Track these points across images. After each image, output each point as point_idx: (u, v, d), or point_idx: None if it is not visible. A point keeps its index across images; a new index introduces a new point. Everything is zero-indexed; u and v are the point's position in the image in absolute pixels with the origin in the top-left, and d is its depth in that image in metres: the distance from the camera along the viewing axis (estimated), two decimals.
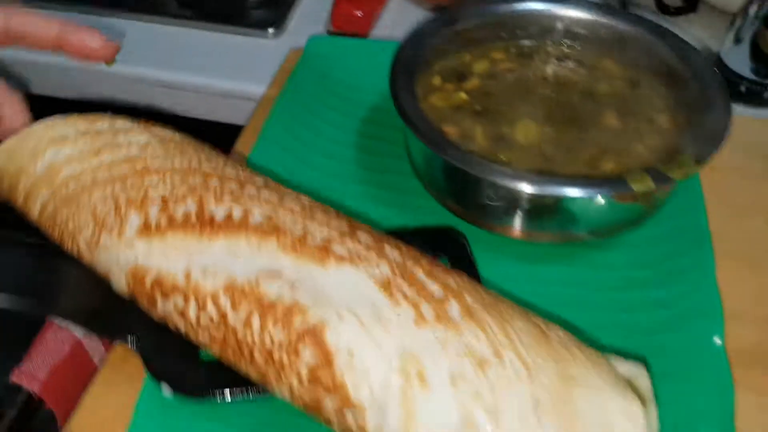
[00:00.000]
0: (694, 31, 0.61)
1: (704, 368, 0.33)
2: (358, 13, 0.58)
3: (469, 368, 0.26)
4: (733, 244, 0.40)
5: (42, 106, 0.37)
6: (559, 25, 0.45)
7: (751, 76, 0.55)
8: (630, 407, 0.26)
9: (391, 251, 0.30)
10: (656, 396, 0.29)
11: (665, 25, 0.45)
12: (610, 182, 0.34)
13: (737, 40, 0.55)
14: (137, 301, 0.31)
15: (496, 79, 0.42)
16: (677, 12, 0.64)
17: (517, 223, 0.37)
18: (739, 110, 0.53)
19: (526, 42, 0.45)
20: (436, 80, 0.42)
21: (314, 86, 0.48)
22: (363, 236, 0.31)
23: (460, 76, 0.42)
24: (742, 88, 0.56)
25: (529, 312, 0.30)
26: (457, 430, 0.24)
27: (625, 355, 0.30)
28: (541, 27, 0.45)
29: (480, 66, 0.43)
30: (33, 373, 0.39)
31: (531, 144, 0.38)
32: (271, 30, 0.60)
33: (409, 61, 0.40)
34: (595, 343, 0.32)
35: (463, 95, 0.41)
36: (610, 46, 0.44)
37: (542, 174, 0.36)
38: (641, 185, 0.33)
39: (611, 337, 0.34)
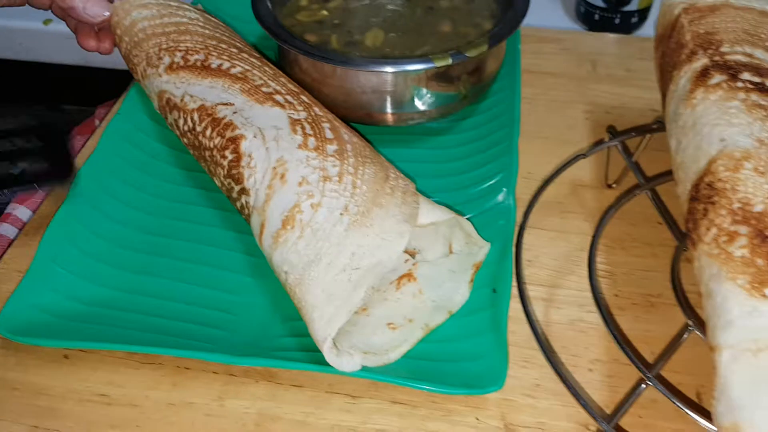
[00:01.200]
0: None
1: (497, 203, 0.45)
2: None
3: (315, 179, 0.39)
4: (552, 129, 0.53)
5: None
6: None
7: (603, 5, 0.65)
8: (401, 228, 0.37)
9: (317, 109, 0.44)
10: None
11: None
12: (419, 60, 0.46)
13: None
14: (163, 114, 0.48)
15: (355, 0, 0.54)
16: None
17: (367, 108, 0.49)
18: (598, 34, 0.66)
19: None
20: (304, 2, 0.54)
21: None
22: (303, 97, 0.45)
23: None
24: (596, 17, 0.66)
25: (392, 167, 0.42)
26: (289, 209, 0.38)
27: (458, 210, 0.43)
28: None
29: None
30: None
31: (376, 47, 0.50)
32: None
33: None
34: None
35: (324, 12, 0.53)
36: None
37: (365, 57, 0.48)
38: (442, 61, 0.45)
39: (442, 195, 0.47)
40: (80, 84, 0.81)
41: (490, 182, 0.47)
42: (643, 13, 0.66)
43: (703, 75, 0.36)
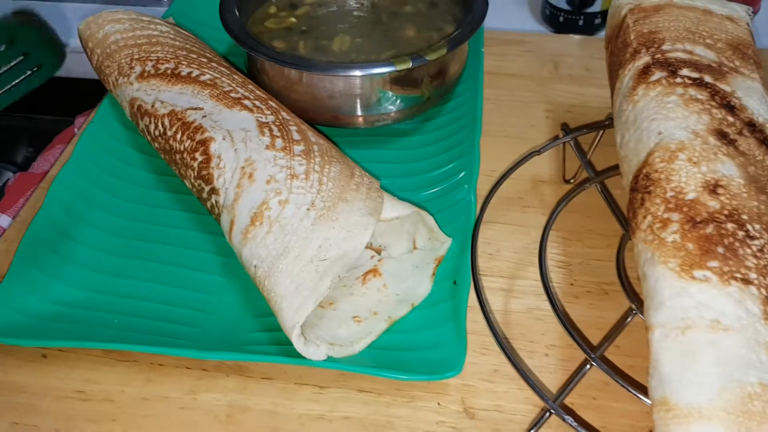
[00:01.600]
0: None
1: (459, 200, 0.47)
2: None
3: (282, 177, 0.41)
4: (514, 129, 0.55)
5: None
6: None
7: (567, 8, 0.68)
8: (365, 221, 0.39)
9: (284, 114, 0.46)
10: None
11: None
12: (381, 63, 0.48)
13: None
14: (134, 121, 0.50)
15: (322, 7, 0.56)
16: None
17: (334, 111, 0.51)
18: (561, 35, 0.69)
19: None
20: (272, 9, 0.56)
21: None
22: (271, 102, 0.47)
23: (292, 6, 0.56)
24: (561, 19, 0.69)
25: (357, 166, 0.44)
26: (257, 206, 0.40)
27: (423, 206, 0.44)
28: None
29: None
30: None
31: (343, 51, 0.51)
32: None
33: None
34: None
35: (293, 19, 0.55)
36: None
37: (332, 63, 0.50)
38: (403, 64, 0.47)
39: (408, 193, 0.48)
40: (60, 95, 0.82)
41: (453, 180, 0.49)
42: (605, 15, 0.68)
43: (645, 72, 0.38)
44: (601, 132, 0.46)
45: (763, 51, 0.60)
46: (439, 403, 0.38)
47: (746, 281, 0.29)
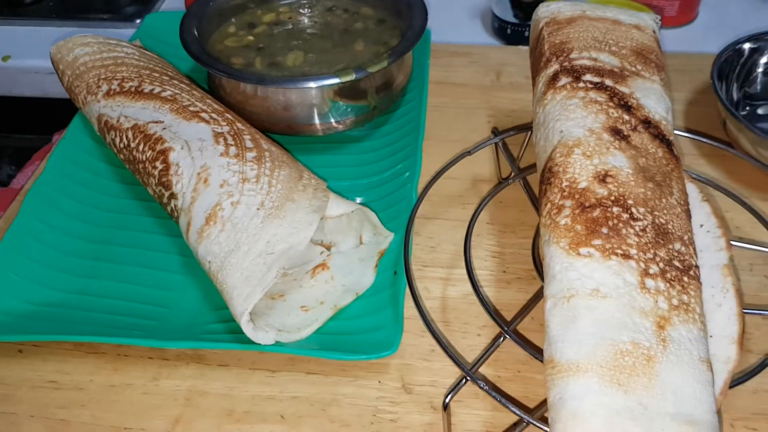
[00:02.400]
0: None
1: (403, 198, 0.51)
2: None
3: (234, 181, 0.45)
4: (458, 133, 0.59)
5: None
6: None
7: (514, 21, 0.72)
8: (310, 218, 0.43)
9: (239, 125, 0.50)
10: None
11: None
12: (327, 76, 0.52)
13: None
14: (102, 135, 0.54)
15: (278, 26, 0.61)
16: None
17: (288, 121, 0.55)
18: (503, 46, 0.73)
19: None
20: (232, 29, 0.61)
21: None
22: (228, 115, 0.51)
23: (251, 25, 0.61)
24: (508, 31, 0.73)
25: (307, 170, 0.48)
26: (212, 208, 0.44)
27: (372, 206, 0.48)
28: None
29: (268, 18, 0.61)
30: None
31: (296, 66, 0.56)
32: (138, 21, 0.78)
33: (200, 17, 0.58)
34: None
35: (250, 37, 0.59)
36: None
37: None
38: (346, 76, 0.51)
39: (359, 194, 0.53)
40: (39, 114, 0.86)
41: (398, 180, 0.53)
42: None
43: (554, 78, 0.42)
44: (529, 133, 0.50)
45: (700, 56, 0.65)
46: (380, 381, 0.42)
47: (626, 256, 0.33)
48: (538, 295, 0.41)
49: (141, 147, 0.49)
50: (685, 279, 0.33)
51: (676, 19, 0.76)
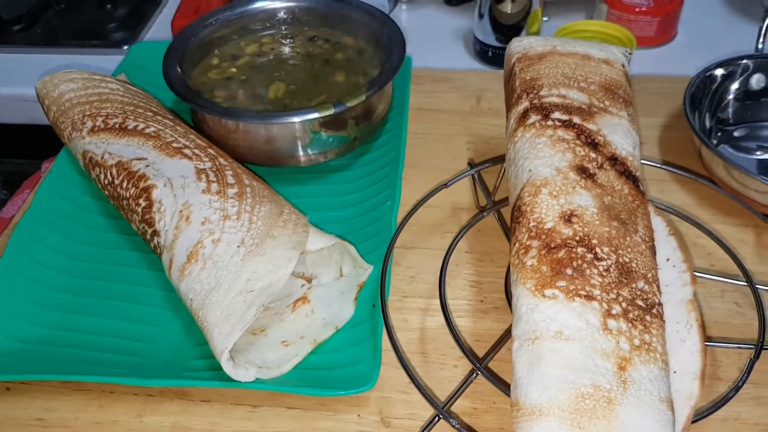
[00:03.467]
0: (470, 15, 0.77)
1: (383, 229, 0.52)
2: None
3: (216, 218, 0.46)
4: (439, 160, 0.61)
5: None
6: (310, 16, 0.65)
7: (495, 44, 0.73)
8: (289, 254, 0.44)
9: (222, 160, 0.51)
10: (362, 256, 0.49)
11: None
12: (306, 111, 0.53)
13: (480, 16, 0.73)
14: (87, 171, 0.55)
15: (261, 57, 0.62)
16: (459, 2, 0.85)
17: (270, 154, 0.56)
18: (487, 69, 0.75)
19: (287, 29, 0.64)
20: (215, 60, 0.62)
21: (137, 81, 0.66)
22: (210, 150, 0.52)
23: (234, 57, 0.62)
24: (490, 54, 0.74)
25: (288, 204, 0.49)
26: (193, 245, 0.45)
27: (350, 238, 0.50)
28: (298, 17, 0.65)
29: (250, 49, 0.63)
30: None
31: (278, 98, 0.57)
32: (126, 47, 0.80)
33: (183, 50, 0.59)
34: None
35: (233, 69, 0.60)
36: (347, 27, 0.64)
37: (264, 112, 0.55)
38: (325, 111, 0.52)
39: (339, 225, 0.54)
40: (28, 140, 0.87)
41: (378, 211, 0.54)
42: None
43: (524, 116, 0.43)
44: (504, 166, 0.51)
45: (677, 78, 0.67)
46: (359, 415, 0.43)
47: (590, 297, 0.34)
48: (510, 331, 0.42)
49: (125, 184, 0.50)
50: (648, 318, 0.34)
51: (655, 39, 0.77)
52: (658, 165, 0.52)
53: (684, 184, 0.57)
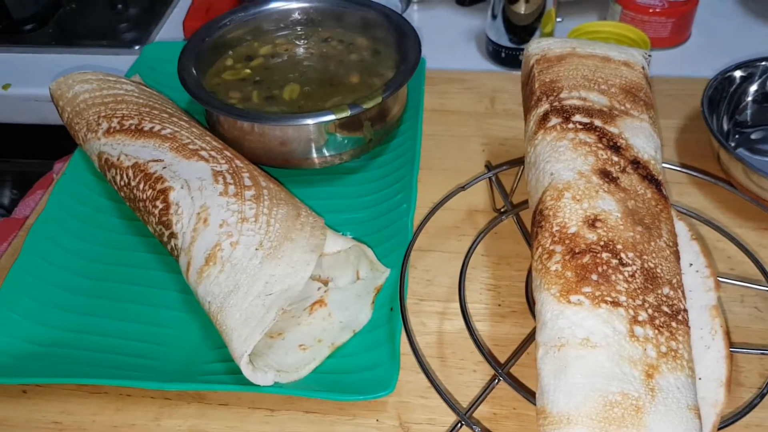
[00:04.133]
0: (483, 16, 0.77)
1: (399, 231, 0.52)
2: None
3: (233, 221, 0.46)
4: (453, 162, 0.60)
5: None
6: (324, 16, 0.65)
7: (509, 44, 0.72)
8: (308, 257, 0.44)
9: (238, 162, 0.51)
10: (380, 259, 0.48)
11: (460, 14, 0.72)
12: (322, 113, 0.52)
13: (493, 16, 0.72)
14: (102, 172, 0.55)
15: (275, 58, 0.61)
16: (471, 2, 0.85)
17: (285, 156, 0.56)
18: (499, 70, 0.74)
19: (302, 29, 0.64)
20: (229, 61, 0.62)
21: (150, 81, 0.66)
22: (227, 152, 0.52)
23: (248, 58, 0.62)
24: (503, 55, 0.73)
25: (304, 206, 0.49)
26: (211, 248, 0.45)
27: (366, 240, 0.49)
28: (313, 18, 0.64)
29: (264, 50, 0.62)
30: None
31: (293, 99, 0.57)
32: (137, 47, 0.80)
33: (198, 51, 0.59)
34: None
35: (248, 71, 0.60)
36: (361, 28, 0.63)
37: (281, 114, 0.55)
38: (341, 113, 0.52)
39: (355, 227, 0.53)
40: (39, 140, 0.87)
41: (395, 213, 0.53)
42: None
43: (544, 119, 0.43)
44: (522, 168, 0.51)
45: (693, 80, 0.66)
46: (377, 420, 0.43)
47: (616, 304, 0.33)
48: (531, 336, 0.42)
49: (141, 186, 0.50)
50: (674, 324, 0.34)
51: (669, 40, 0.77)
52: (677, 168, 0.52)
53: (701, 187, 0.57)
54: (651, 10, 0.75)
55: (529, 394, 0.38)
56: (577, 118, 0.42)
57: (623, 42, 0.73)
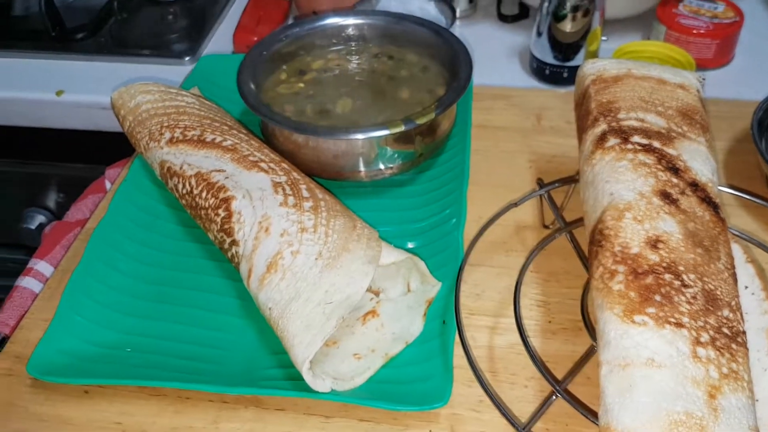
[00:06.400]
0: (526, 32, 0.79)
1: (449, 245, 0.53)
2: (255, 39, 0.78)
3: (294, 230, 0.47)
4: (500, 178, 0.61)
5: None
6: (377, 33, 0.66)
7: (553, 62, 0.73)
8: (366, 268, 0.45)
9: (295, 174, 0.52)
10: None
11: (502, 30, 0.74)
12: (377, 127, 0.54)
13: (539, 34, 0.73)
14: (164, 180, 0.56)
15: (327, 72, 0.63)
16: (514, 19, 0.85)
17: (338, 168, 0.57)
18: (543, 87, 0.75)
19: (353, 44, 0.66)
20: (283, 75, 0.63)
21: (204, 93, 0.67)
22: (284, 164, 0.53)
23: (301, 72, 0.63)
24: (547, 72, 0.74)
25: (359, 219, 0.50)
26: (272, 256, 0.46)
27: (416, 252, 0.50)
28: (365, 35, 0.66)
29: (317, 64, 0.64)
30: (6, 322, 0.55)
31: (345, 113, 0.58)
32: (187, 58, 0.82)
33: (255, 64, 0.61)
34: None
35: (301, 84, 0.61)
36: (411, 44, 0.65)
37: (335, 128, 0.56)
38: (395, 128, 0.53)
39: (404, 239, 0.55)
40: (88, 145, 0.90)
41: (444, 227, 0.55)
42: None
43: (602, 139, 0.44)
44: (573, 186, 0.52)
45: (740, 102, 0.67)
46: (430, 431, 0.44)
47: (679, 324, 0.34)
48: (589, 353, 0.42)
49: (204, 194, 0.51)
50: (734, 346, 0.34)
51: (713, 61, 0.77)
52: (727, 190, 0.52)
53: (750, 209, 0.57)
54: (695, 31, 0.75)
55: (587, 411, 0.38)
56: (636, 138, 0.43)
57: (668, 63, 0.73)
